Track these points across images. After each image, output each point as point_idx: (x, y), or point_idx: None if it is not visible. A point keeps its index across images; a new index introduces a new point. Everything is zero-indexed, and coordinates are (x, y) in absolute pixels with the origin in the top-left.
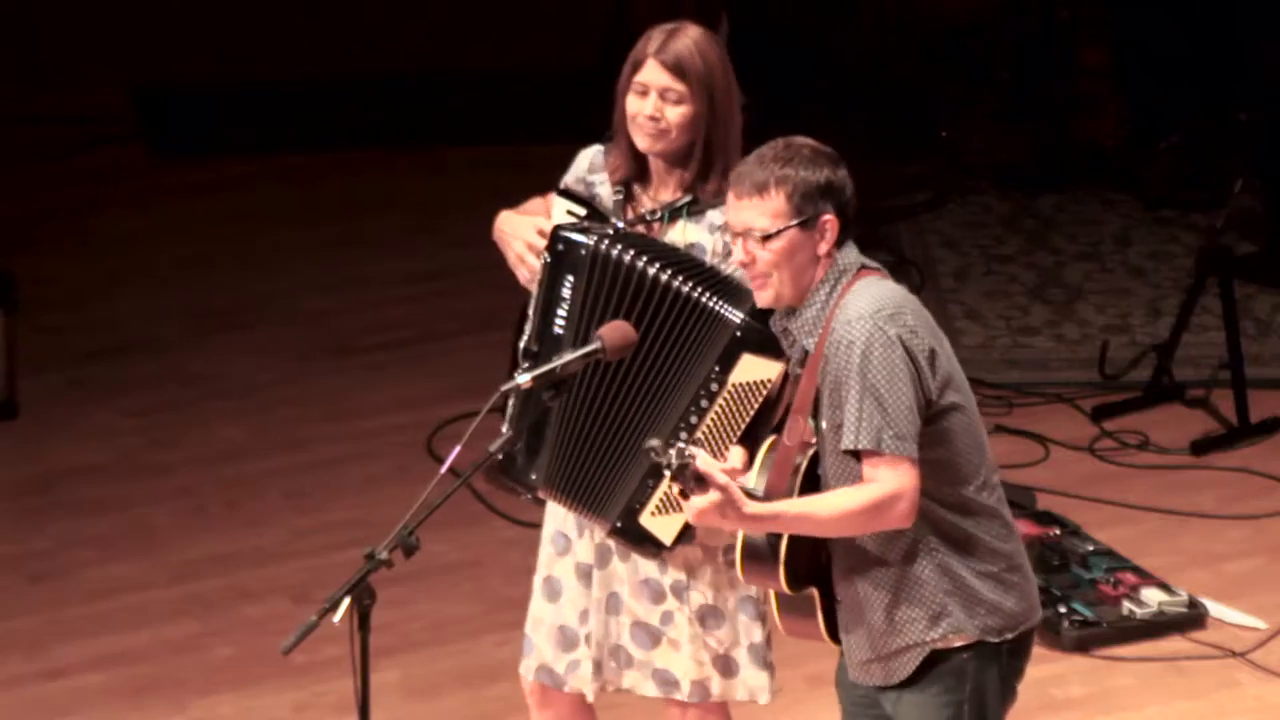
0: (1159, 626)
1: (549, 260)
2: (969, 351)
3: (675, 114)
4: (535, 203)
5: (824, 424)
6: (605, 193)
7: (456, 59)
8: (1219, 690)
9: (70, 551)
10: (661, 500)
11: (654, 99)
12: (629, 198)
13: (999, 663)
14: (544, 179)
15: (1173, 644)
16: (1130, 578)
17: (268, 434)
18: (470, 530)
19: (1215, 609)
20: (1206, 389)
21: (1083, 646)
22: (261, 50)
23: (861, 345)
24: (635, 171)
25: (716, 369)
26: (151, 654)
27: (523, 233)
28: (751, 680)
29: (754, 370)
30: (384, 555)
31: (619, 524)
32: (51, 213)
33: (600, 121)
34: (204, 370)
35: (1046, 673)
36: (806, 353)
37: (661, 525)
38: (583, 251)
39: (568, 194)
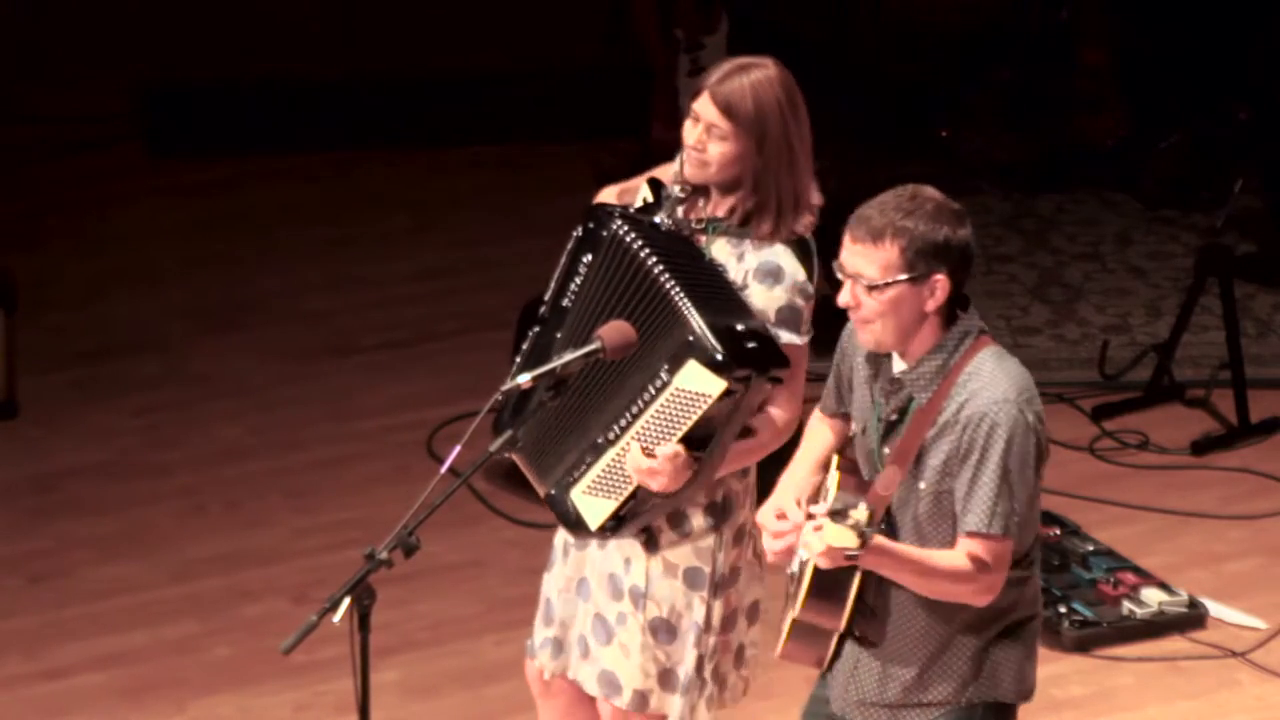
0: (1159, 626)
1: (579, 234)
2: None
3: (716, 150)
4: (639, 180)
5: (922, 485)
6: (675, 190)
7: (456, 59)
8: (1219, 690)
9: (70, 551)
10: (595, 481)
11: (700, 131)
12: (692, 201)
13: (1007, 708)
14: (544, 179)
15: (1173, 644)
16: (1130, 578)
17: (268, 434)
18: (470, 530)
19: (1215, 609)
20: (1206, 389)
21: (1083, 646)
22: (262, 50)
23: (1006, 431)
24: (694, 186)
25: (665, 366)
26: (151, 654)
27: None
28: (680, 701)
29: (697, 380)
30: (384, 555)
31: (552, 491)
32: (51, 213)
33: (600, 122)
34: (204, 370)
35: (1046, 673)
36: (909, 403)
37: (590, 506)
38: (604, 233)
39: (653, 182)
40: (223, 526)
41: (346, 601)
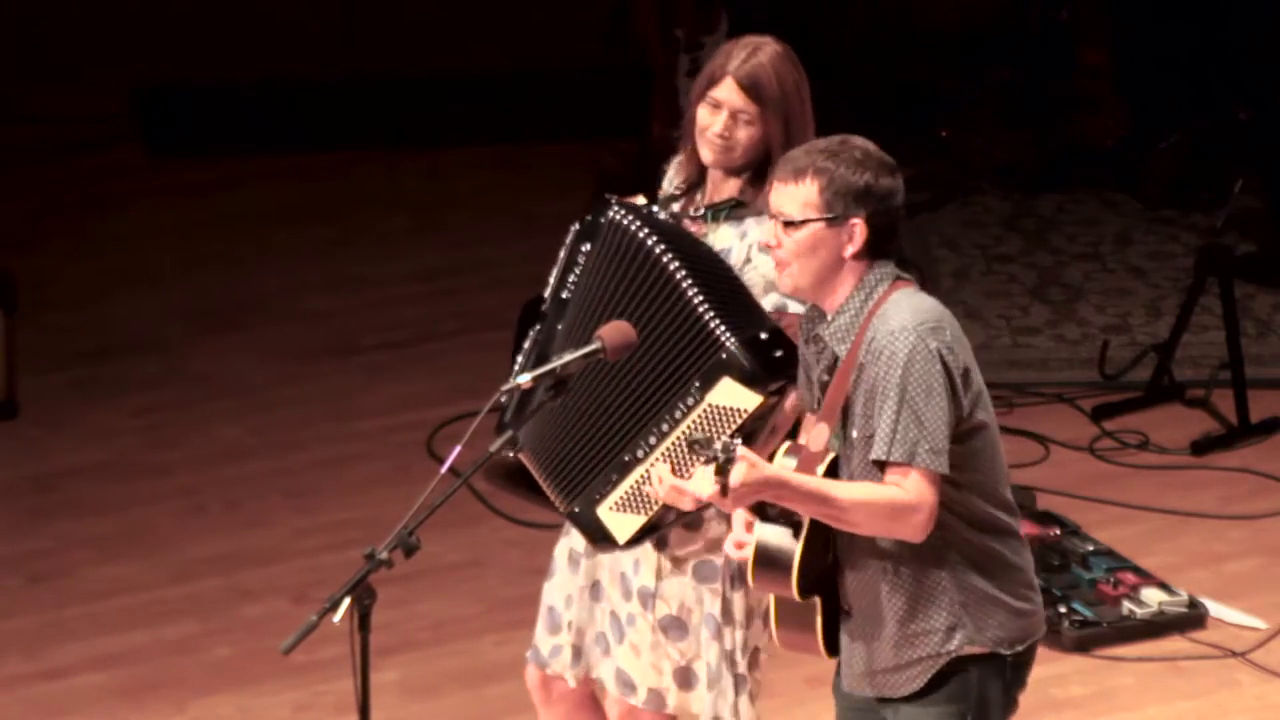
0: (1159, 626)
1: (578, 227)
2: None
3: (745, 134)
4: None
5: (854, 433)
6: (669, 186)
7: (456, 59)
8: (1219, 690)
9: (70, 551)
10: (623, 498)
11: (725, 118)
12: (689, 198)
13: (1004, 675)
14: (544, 179)
15: (1173, 644)
16: (1130, 578)
17: (268, 434)
18: (470, 530)
19: (1215, 609)
20: (1206, 389)
21: (1083, 646)
22: (261, 50)
23: (903, 358)
24: (698, 177)
25: (697, 384)
26: (151, 654)
27: None
28: (707, 697)
29: (732, 396)
30: (384, 555)
31: (576, 509)
32: (51, 213)
33: (600, 122)
34: (204, 370)
35: (1046, 673)
36: (836, 359)
37: (618, 522)
38: (601, 220)
39: (648, 196)
40: (223, 526)
41: (346, 601)
